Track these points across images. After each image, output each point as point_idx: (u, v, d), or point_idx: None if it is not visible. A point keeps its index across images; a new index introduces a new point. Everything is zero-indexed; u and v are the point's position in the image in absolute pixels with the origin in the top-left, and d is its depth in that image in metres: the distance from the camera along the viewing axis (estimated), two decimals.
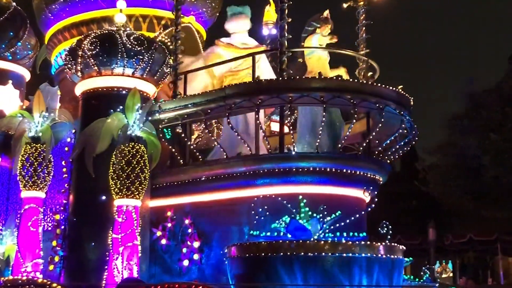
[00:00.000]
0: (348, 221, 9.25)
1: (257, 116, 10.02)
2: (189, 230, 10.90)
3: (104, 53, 10.98)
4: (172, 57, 11.63)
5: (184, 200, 11.15)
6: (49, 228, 11.49)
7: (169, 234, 11.10)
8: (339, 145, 10.37)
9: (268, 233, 9.46)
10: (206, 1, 14.34)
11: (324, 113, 9.79)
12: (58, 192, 11.69)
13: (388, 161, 10.96)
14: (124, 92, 11.11)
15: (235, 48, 11.67)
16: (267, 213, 9.49)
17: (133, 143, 10.39)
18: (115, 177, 10.30)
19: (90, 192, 10.83)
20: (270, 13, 14.29)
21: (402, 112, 10.58)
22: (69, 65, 11.38)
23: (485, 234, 20.51)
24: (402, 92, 10.67)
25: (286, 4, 10.62)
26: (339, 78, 10.56)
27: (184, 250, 10.71)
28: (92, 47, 11.01)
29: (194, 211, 10.99)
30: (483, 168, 22.87)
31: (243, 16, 11.87)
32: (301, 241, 8.85)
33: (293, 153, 10.06)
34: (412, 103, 10.92)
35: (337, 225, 9.20)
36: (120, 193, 10.29)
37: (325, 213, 9.40)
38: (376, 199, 10.41)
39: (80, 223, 10.83)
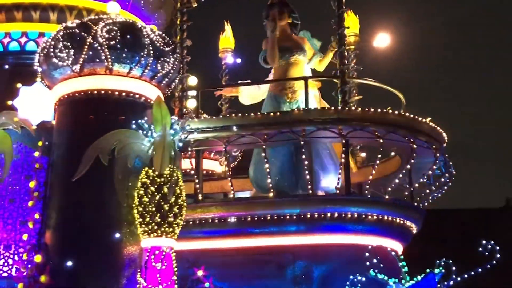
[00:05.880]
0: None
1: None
2: (206, 285, 8.57)
3: (125, 46, 8.34)
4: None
5: (195, 245, 8.85)
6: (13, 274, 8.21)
7: None
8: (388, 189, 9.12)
9: None
10: (162, 14, 12.26)
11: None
12: (22, 223, 8.49)
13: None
14: (141, 100, 8.60)
15: None
16: (377, 270, 7.83)
17: (172, 166, 7.97)
18: (153, 208, 7.71)
19: (95, 227, 7.96)
20: (228, 40, 12.64)
21: (435, 147, 9.18)
22: (59, 56, 8.48)
23: None
24: (433, 124, 9.33)
25: (344, 30, 9.33)
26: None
27: None
28: (110, 36, 8.32)
29: (210, 260, 8.73)
30: None
31: None
32: None
33: (368, 196, 8.62)
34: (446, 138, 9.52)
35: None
36: (158, 230, 7.71)
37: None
38: None
39: (79, 270, 7.80)
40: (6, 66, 10.21)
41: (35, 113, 9.10)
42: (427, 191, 9.52)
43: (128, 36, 8.42)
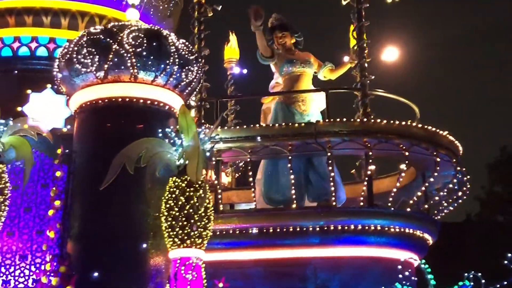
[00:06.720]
0: None
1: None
2: None
3: (151, 54, 8.21)
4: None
5: (216, 256, 8.70)
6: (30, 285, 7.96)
7: None
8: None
9: None
10: (170, 22, 12.15)
11: None
12: (38, 233, 8.27)
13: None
14: (164, 109, 8.47)
15: None
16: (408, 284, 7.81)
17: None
18: (183, 219, 7.57)
19: (120, 236, 7.77)
20: (234, 50, 12.58)
21: (455, 160, 9.37)
22: (82, 62, 8.29)
23: None
24: (452, 137, 9.46)
25: (365, 43, 9.39)
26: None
27: None
28: (137, 43, 8.18)
29: (230, 272, 8.61)
30: None
31: None
32: None
33: (392, 209, 8.62)
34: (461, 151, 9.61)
35: None
36: (187, 241, 7.57)
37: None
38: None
39: (105, 281, 7.58)
40: (16, 72, 10.05)
41: (45, 120, 8.90)
42: (445, 204, 9.60)
43: (154, 44, 8.28)
